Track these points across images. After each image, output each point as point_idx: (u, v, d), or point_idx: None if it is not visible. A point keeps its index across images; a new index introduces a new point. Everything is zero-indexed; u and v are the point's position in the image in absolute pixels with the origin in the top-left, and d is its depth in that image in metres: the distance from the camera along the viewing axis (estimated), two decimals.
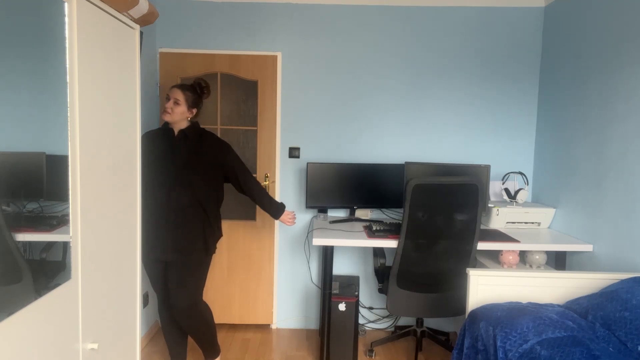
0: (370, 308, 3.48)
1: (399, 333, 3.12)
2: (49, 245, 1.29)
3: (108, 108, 1.58)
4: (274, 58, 3.28)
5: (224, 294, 3.42)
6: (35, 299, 1.17)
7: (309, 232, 3.39)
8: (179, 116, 2.35)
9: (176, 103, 2.34)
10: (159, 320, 2.79)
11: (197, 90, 2.44)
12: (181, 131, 2.39)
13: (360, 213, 3.32)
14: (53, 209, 1.29)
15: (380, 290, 2.88)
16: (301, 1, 3.25)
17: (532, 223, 3.02)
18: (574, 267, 2.78)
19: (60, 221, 1.31)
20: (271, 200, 2.56)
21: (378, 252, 2.85)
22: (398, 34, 3.28)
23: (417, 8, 3.26)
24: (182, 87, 2.38)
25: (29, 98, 1.16)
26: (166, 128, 2.42)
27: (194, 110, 2.42)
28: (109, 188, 1.59)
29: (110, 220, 1.61)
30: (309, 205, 3.17)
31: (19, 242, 1.14)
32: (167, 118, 2.35)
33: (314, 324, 3.49)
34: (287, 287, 3.46)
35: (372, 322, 3.49)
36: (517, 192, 3.04)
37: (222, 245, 3.39)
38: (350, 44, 3.28)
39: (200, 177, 2.37)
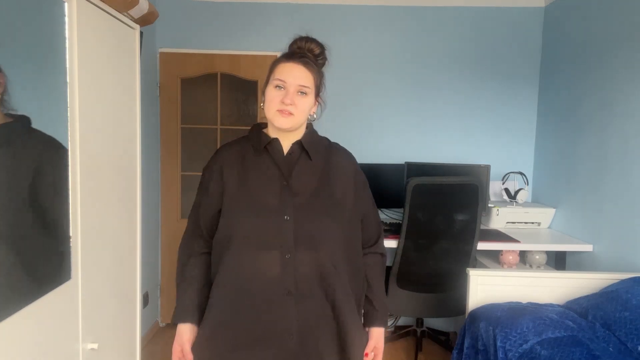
0: None
1: (399, 333, 3.12)
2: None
3: (108, 108, 1.58)
4: (274, 58, 3.28)
5: None
6: (35, 299, 1.17)
7: None
8: (305, 116, 1.31)
9: (302, 92, 1.28)
10: None
11: (321, 62, 1.39)
12: (297, 144, 1.34)
13: None
14: None
15: None
16: (301, 1, 3.25)
17: (532, 223, 3.02)
18: (574, 267, 2.78)
19: None
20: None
21: None
22: (398, 34, 3.28)
23: (417, 8, 3.26)
24: (304, 60, 1.32)
25: (29, 98, 1.16)
26: (259, 139, 1.34)
27: (317, 103, 1.37)
28: (109, 188, 1.59)
29: (110, 220, 1.61)
30: None
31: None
32: (287, 124, 1.27)
33: None
34: None
35: None
36: (517, 192, 3.04)
37: None
38: (350, 44, 3.28)
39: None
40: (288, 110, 1.25)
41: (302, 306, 1.23)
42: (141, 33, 1.86)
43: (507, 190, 3.10)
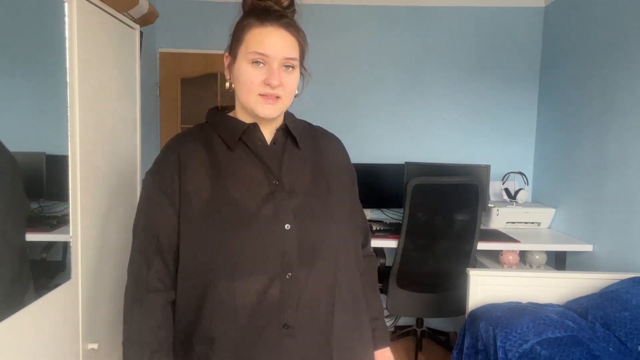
0: None
1: (398, 333, 3.12)
2: (49, 245, 1.29)
3: (108, 108, 1.58)
4: None
5: None
6: (35, 299, 1.17)
7: None
8: (292, 97, 1.06)
9: (289, 66, 1.01)
10: None
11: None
12: (282, 130, 1.09)
13: None
14: (53, 209, 1.29)
15: (380, 290, 2.87)
16: (301, 1, 3.25)
17: (532, 223, 3.02)
18: (574, 267, 2.78)
19: (60, 221, 1.31)
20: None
21: (378, 252, 2.85)
22: (398, 34, 3.27)
23: (417, 8, 3.26)
24: (285, 21, 1.07)
25: (29, 98, 1.16)
26: (231, 128, 1.03)
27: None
28: (108, 188, 1.59)
29: (110, 220, 1.61)
30: None
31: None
32: (275, 112, 1.00)
33: None
34: None
35: None
36: (517, 192, 3.04)
37: None
38: (349, 44, 3.28)
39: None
40: (275, 94, 0.96)
41: (301, 344, 0.95)
42: (141, 33, 1.86)
43: (507, 190, 3.10)
